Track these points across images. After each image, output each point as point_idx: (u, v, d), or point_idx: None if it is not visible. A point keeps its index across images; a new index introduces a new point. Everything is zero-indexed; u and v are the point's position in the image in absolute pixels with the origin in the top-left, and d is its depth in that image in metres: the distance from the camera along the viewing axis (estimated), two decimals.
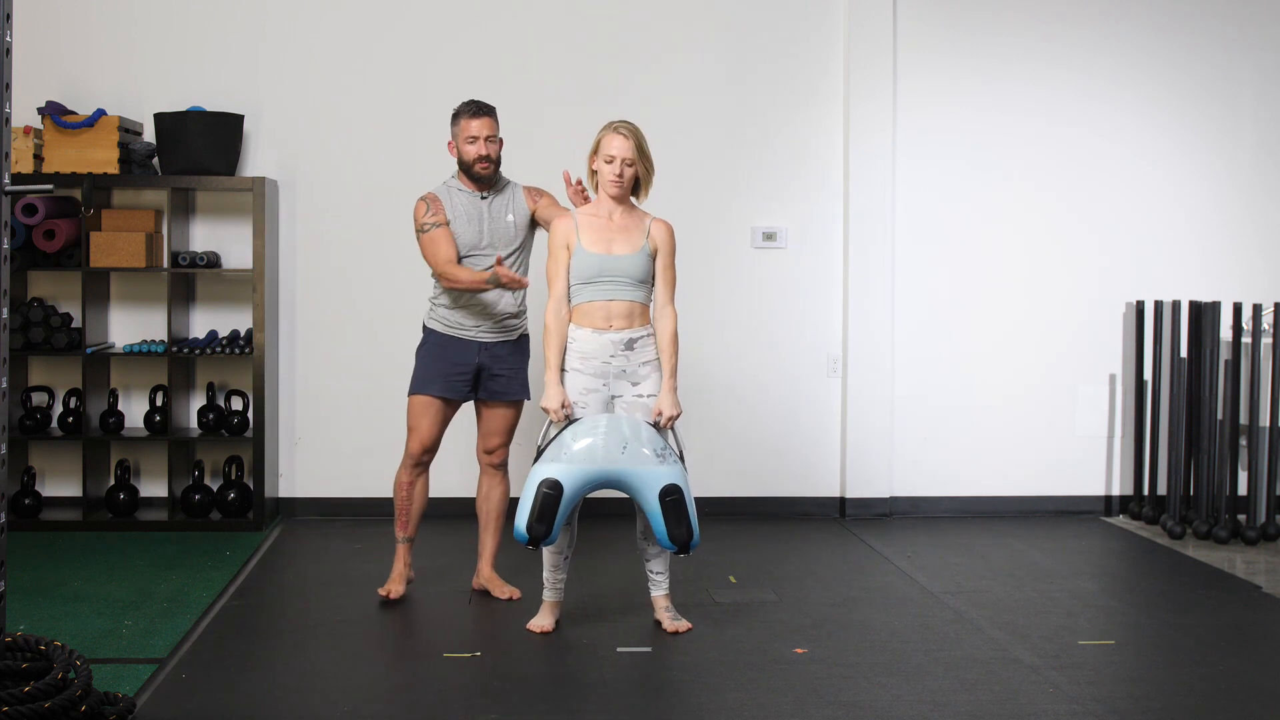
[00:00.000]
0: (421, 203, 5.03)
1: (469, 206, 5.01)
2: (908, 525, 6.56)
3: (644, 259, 4.64)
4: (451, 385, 5.05)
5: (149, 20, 6.52)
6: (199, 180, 6.26)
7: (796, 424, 6.74)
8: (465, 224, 4.99)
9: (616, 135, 4.61)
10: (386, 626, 4.86)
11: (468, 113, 4.99)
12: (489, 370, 5.06)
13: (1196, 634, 4.76)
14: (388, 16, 6.58)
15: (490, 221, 5.00)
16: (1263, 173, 6.88)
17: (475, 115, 4.97)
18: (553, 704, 4.03)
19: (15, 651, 3.70)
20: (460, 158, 5.00)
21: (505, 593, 5.14)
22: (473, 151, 4.95)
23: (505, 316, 5.05)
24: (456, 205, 5.01)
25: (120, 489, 6.32)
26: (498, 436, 5.15)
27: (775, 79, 6.69)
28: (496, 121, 5.01)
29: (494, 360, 5.05)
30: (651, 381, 4.66)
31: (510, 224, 5.03)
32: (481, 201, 5.02)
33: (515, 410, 5.16)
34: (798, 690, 4.12)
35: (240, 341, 6.33)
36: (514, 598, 5.12)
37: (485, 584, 5.20)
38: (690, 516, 4.51)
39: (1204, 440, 6.32)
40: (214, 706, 3.98)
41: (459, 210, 5.00)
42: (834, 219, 6.72)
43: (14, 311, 6.21)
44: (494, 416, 5.13)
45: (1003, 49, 6.76)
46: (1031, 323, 6.82)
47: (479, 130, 4.95)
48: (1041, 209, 6.81)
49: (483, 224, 5.00)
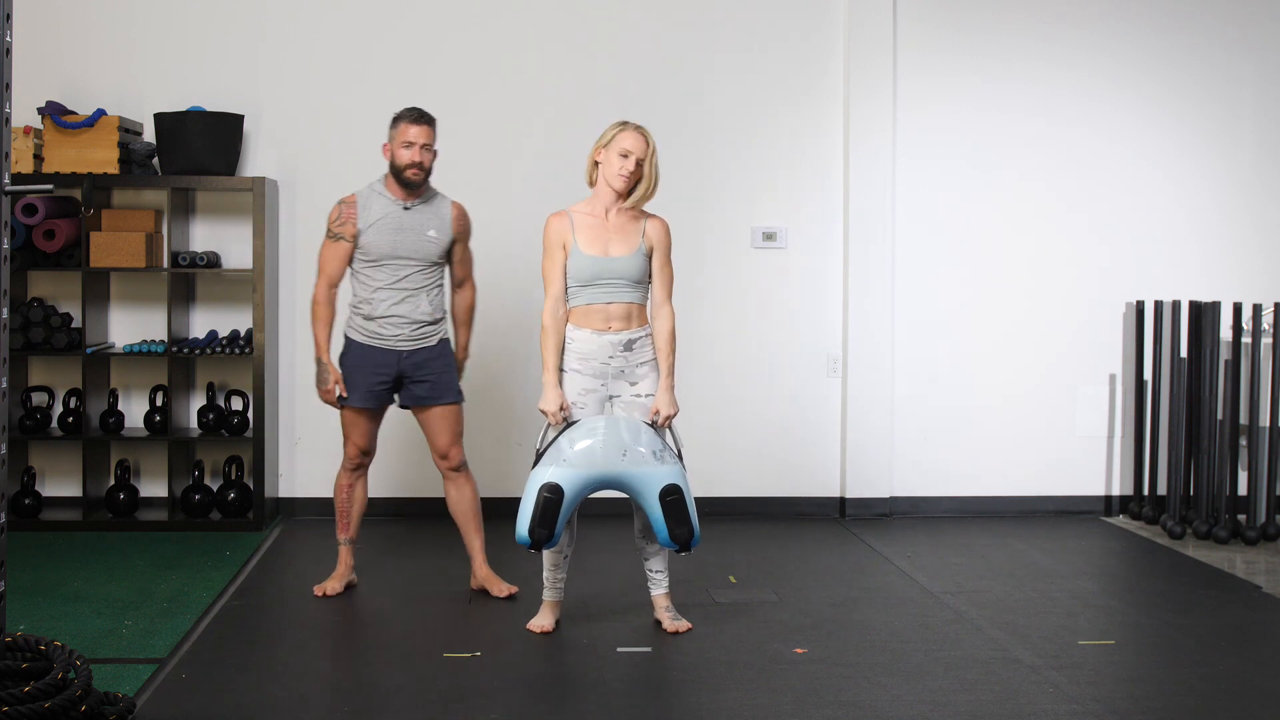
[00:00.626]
0: (337, 206, 5.06)
1: (387, 213, 5.01)
2: (908, 525, 6.56)
3: (641, 260, 4.65)
4: (373, 394, 5.08)
5: (149, 20, 6.52)
6: (199, 180, 6.26)
7: (796, 424, 6.74)
8: (379, 232, 5.00)
9: (637, 134, 4.61)
10: (386, 626, 4.86)
11: (409, 118, 5.01)
12: (410, 377, 5.07)
13: (1196, 634, 4.76)
14: (388, 16, 6.58)
15: (406, 233, 5.01)
16: (1263, 173, 6.88)
17: (416, 121, 4.99)
18: (553, 704, 4.03)
19: (15, 651, 3.70)
20: (393, 161, 5.00)
21: (503, 590, 5.15)
22: (407, 156, 4.97)
23: (422, 324, 5.06)
24: (373, 211, 5.01)
25: (120, 489, 6.32)
26: (443, 438, 5.14)
27: (775, 79, 6.69)
28: (435, 132, 5.04)
29: (415, 368, 5.06)
30: (649, 381, 4.66)
31: (431, 240, 5.05)
32: (404, 211, 5.03)
33: (454, 411, 5.15)
34: (798, 690, 4.12)
35: (240, 341, 6.33)
36: (512, 594, 5.13)
37: (483, 583, 5.21)
38: (691, 515, 4.52)
39: (1204, 440, 6.32)
40: (214, 706, 3.98)
41: (375, 216, 5.01)
42: (834, 219, 6.72)
43: (14, 311, 6.21)
44: (432, 421, 5.13)
45: (1003, 49, 6.76)
46: (1031, 323, 6.82)
47: (417, 137, 4.98)
48: (1041, 209, 6.81)
49: (398, 234, 5.01)
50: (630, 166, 4.59)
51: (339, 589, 5.18)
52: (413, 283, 5.03)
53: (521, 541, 4.48)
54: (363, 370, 5.05)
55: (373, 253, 5.00)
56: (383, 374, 5.05)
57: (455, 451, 5.16)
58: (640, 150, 4.60)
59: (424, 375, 5.07)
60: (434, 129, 5.04)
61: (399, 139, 4.99)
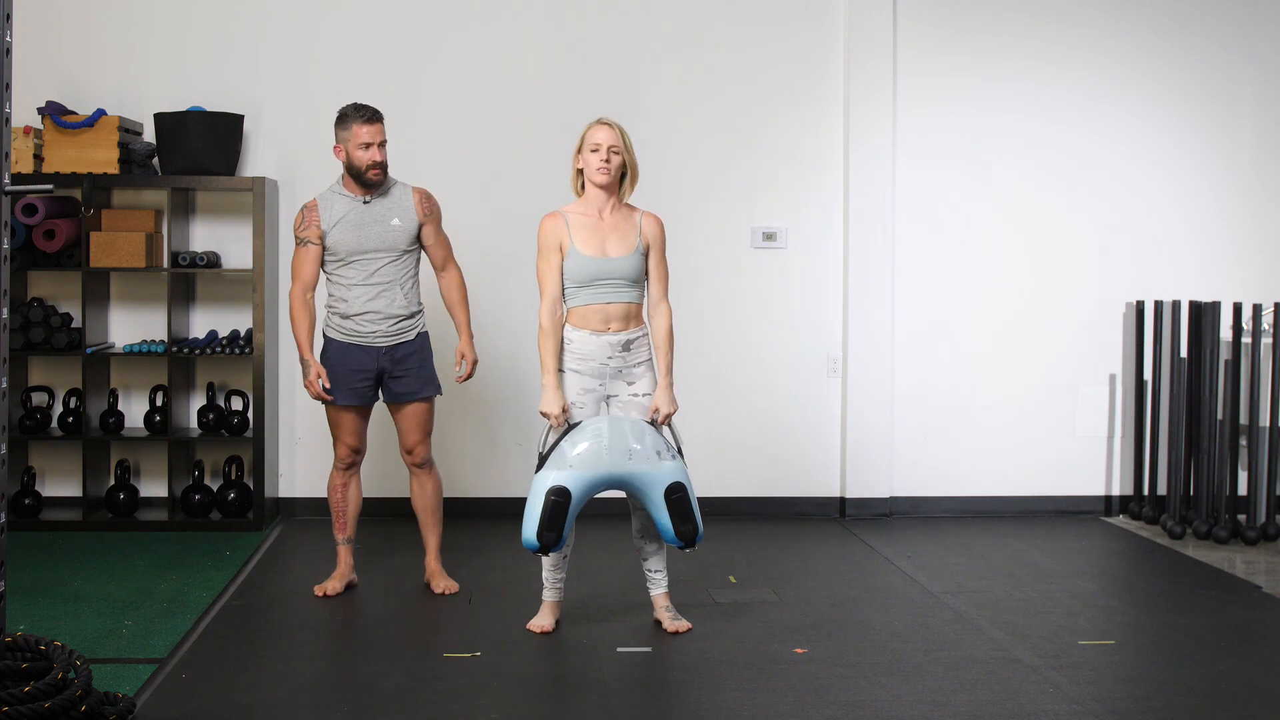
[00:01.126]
0: (300, 212, 5.08)
1: (348, 212, 5.02)
2: (908, 525, 6.56)
3: (639, 259, 4.64)
4: (357, 392, 5.10)
5: (149, 20, 6.52)
6: (199, 180, 6.26)
7: (796, 424, 6.74)
8: (344, 230, 5.01)
9: (601, 126, 4.62)
10: (386, 626, 4.86)
11: (360, 118, 4.98)
12: (390, 373, 5.10)
13: (1196, 634, 4.76)
14: (387, 17, 6.58)
15: (370, 226, 5.02)
16: (1263, 173, 6.88)
17: (369, 121, 4.98)
18: (553, 704, 4.04)
19: (15, 651, 3.70)
20: (350, 163, 4.98)
21: (442, 587, 5.21)
22: (366, 158, 4.96)
23: (399, 319, 5.07)
24: (335, 212, 5.02)
25: (120, 489, 6.32)
26: (413, 435, 5.18)
27: (775, 79, 6.69)
28: (384, 127, 5.04)
29: (395, 363, 5.08)
30: (646, 380, 4.66)
31: (395, 228, 5.05)
32: (363, 206, 5.03)
33: (426, 408, 5.18)
34: (798, 690, 4.12)
35: (240, 341, 6.33)
36: (449, 591, 5.18)
37: (430, 577, 5.27)
38: (694, 512, 4.53)
39: (1204, 440, 6.32)
40: (214, 706, 3.98)
41: (337, 216, 5.02)
42: (834, 219, 6.72)
43: (14, 311, 6.21)
44: (405, 416, 5.16)
45: (1003, 49, 6.76)
46: (1031, 323, 6.82)
47: (371, 136, 4.97)
48: (1041, 209, 6.81)
49: (361, 229, 5.01)
50: (603, 157, 4.58)
51: (339, 589, 5.18)
52: (384, 276, 5.03)
53: (529, 546, 4.48)
54: (343, 369, 5.07)
55: (340, 251, 5.01)
56: (363, 371, 5.07)
57: (421, 449, 5.19)
58: (608, 139, 4.59)
59: (403, 370, 5.09)
60: (383, 123, 5.04)
61: (354, 141, 4.97)
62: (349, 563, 5.25)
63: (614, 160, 4.60)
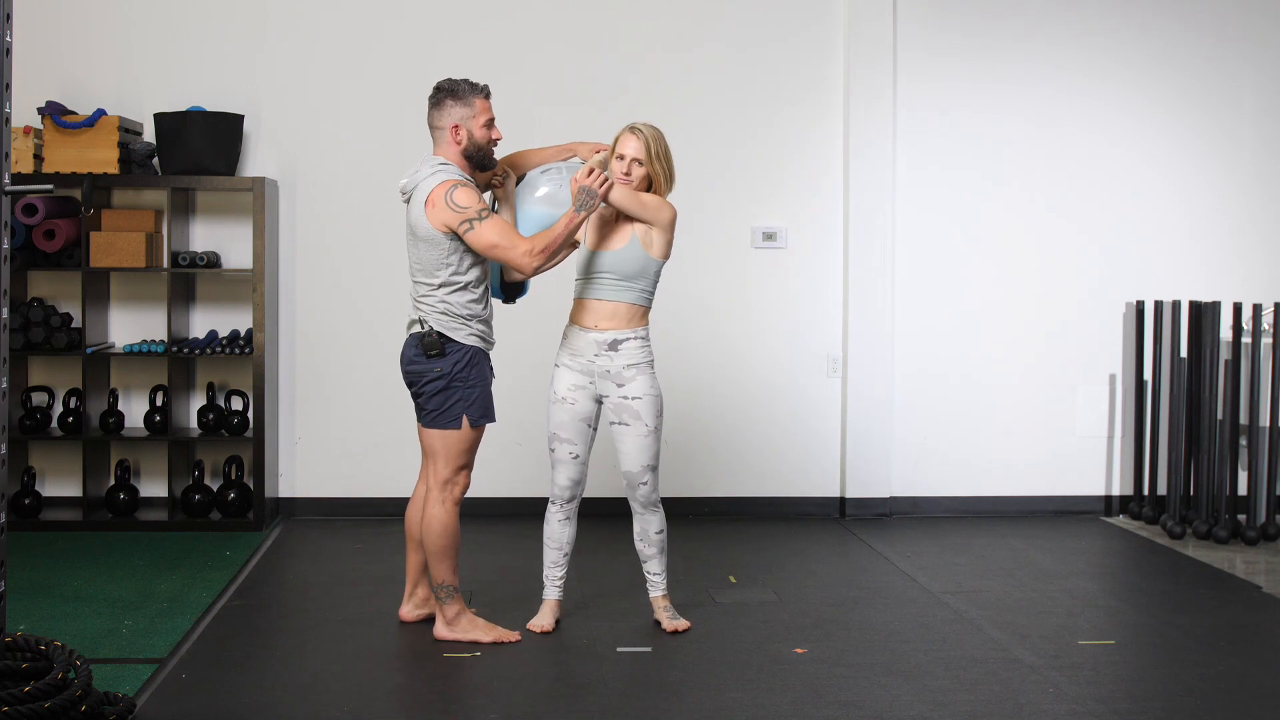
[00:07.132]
0: (460, 190, 4.36)
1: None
2: (908, 525, 6.56)
3: (634, 252, 4.56)
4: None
5: (149, 20, 6.52)
6: (199, 180, 6.26)
7: (796, 424, 6.74)
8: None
9: (631, 135, 4.57)
10: (386, 626, 4.85)
11: (481, 92, 4.50)
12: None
13: (1196, 634, 4.76)
14: (387, 17, 6.58)
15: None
16: (1263, 173, 6.88)
17: (489, 95, 4.53)
18: (553, 704, 4.04)
19: (15, 651, 3.71)
20: (473, 141, 4.47)
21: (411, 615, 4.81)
22: (490, 134, 4.52)
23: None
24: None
25: (120, 489, 6.32)
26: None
27: (775, 80, 6.69)
28: None
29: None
30: (637, 384, 4.59)
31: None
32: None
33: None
34: (798, 690, 4.12)
35: (240, 341, 6.33)
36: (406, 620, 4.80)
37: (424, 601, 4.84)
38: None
39: (1204, 440, 6.32)
40: (214, 706, 3.98)
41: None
42: (834, 219, 6.72)
43: (14, 311, 6.21)
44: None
45: (1003, 49, 6.76)
46: (1031, 323, 6.82)
47: (493, 111, 4.54)
48: (1041, 209, 6.81)
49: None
50: (624, 168, 4.55)
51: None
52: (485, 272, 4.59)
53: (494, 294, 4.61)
54: (489, 382, 4.57)
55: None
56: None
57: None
58: (633, 150, 4.56)
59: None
60: None
61: (480, 117, 4.47)
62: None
63: (635, 171, 4.55)
